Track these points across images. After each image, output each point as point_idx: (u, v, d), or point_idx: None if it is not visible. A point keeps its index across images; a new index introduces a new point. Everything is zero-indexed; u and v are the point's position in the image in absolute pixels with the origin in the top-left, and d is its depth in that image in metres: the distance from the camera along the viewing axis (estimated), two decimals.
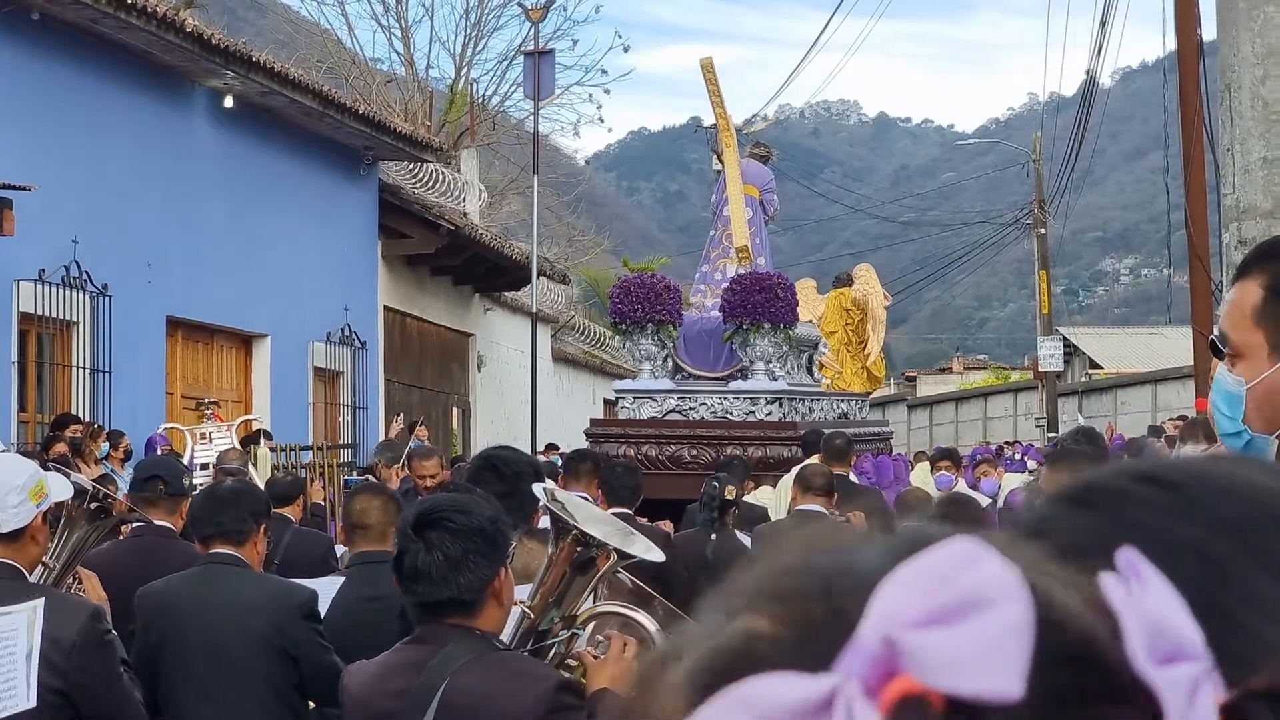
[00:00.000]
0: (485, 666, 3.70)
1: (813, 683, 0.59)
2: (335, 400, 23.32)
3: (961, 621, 0.59)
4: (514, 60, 38.42)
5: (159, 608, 5.70)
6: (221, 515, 5.78)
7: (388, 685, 3.85)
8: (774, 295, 15.68)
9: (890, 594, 0.61)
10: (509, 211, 40.60)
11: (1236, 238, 9.60)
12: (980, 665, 0.58)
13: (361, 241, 23.97)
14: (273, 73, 20.08)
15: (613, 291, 16.53)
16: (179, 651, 5.61)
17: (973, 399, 52.36)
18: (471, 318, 29.18)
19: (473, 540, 3.76)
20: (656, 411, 15.90)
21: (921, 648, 0.59)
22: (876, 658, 0.59)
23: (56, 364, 17.31)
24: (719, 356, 16.30)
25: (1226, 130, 9.66)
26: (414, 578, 3.78)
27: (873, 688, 0.59)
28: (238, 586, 5.66)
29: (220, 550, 5.74)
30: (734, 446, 14.93)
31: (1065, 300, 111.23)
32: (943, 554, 0.61)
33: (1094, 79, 27.74)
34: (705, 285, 17.47)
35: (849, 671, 0.59)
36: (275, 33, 40.48)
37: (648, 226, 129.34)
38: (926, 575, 0.61)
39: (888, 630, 0.59)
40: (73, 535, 5.13)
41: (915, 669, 0.59)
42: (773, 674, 0.60)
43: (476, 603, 3.79)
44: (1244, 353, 2.55)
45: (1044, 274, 41.28)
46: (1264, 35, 9.20)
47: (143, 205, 18.40)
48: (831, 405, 17.50)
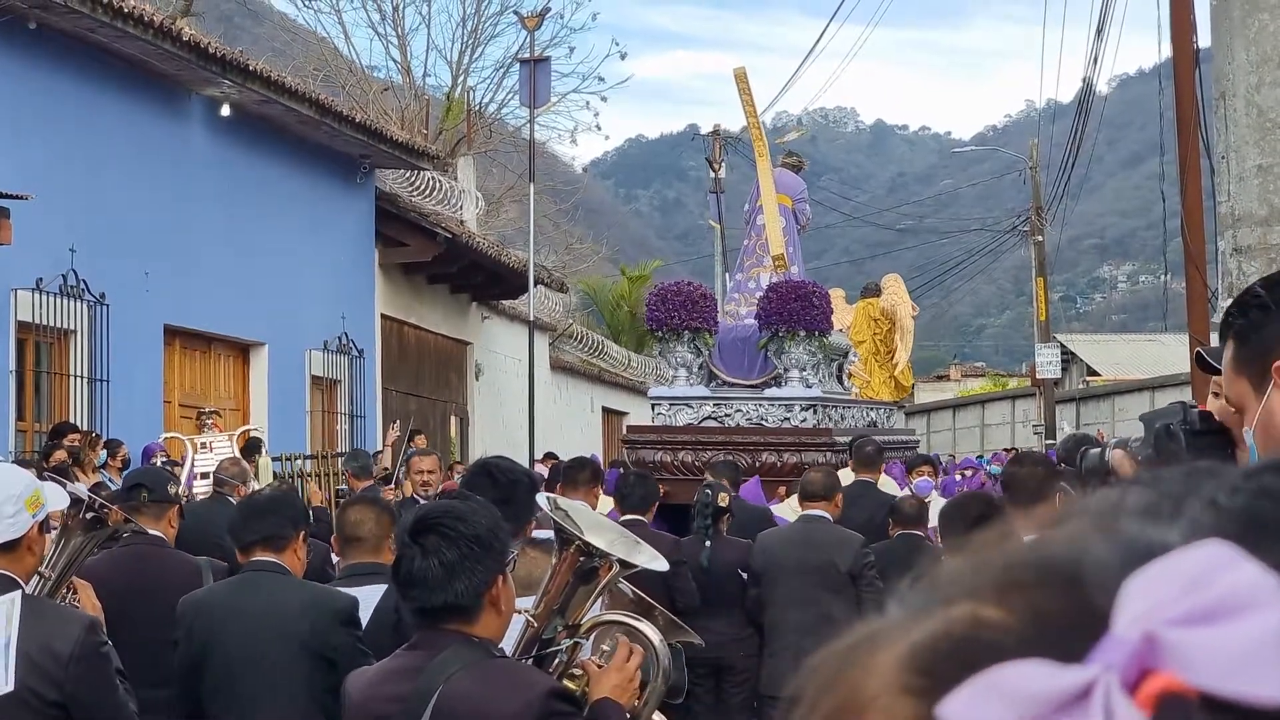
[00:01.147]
0: (479, 673, 3.71)
1: (1069, 673, 0.59)
2: (333, 409, 23.32)
3: (1226, 622, 0.59)
4: (510, 68, 38.44)
5: (201, 615, 5.74)
6: (260, 523, 5.81)
7: (384, 690, 3.87)
8: (809, 303, 15.85)
9: (1148, 590, 0.60)
10: (506, 219, 40.59)
11: (1232, 245, 9.60)
12: (1247, 667, 0.58)
13: (358, 250, 23.97)
14: (269, 81, 20.10)
15: (649, 299, 16.70)
16: (222, 657, 5.65)
17: (970, 406, 52.36)
18: (469, 326, 29.18)
19: (470, 547, 3.77)
20: (692, 418, 16.07)
21: (1185, 645, 0.58)
22: (1136, 652, 0.59)
23: (54, 373, 17.31)
24: (753, 364, 16.47)
25: (1221, 138, 9.66)
26: (410, 583, 3.80)
27: (1131, 682, 0.59)
28: (278, 593, 5.69)
29: (261, 558, 5.77)
30: (769, 453, 15.14)
31: (1063, 307, 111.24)
32: (1199, 555, 0.61)
33: (1091, 86, 27.76)
34: (739, 294, 17.62)
35: (1108, 664, 0.59)
36: (271, 41, 40.47)
37: (645, 234, 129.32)
38: (1184, 574, 0.60)
39: (1149, 625, 0.59)
40: (69, 545, 5.11)
41: (1177, 666, 0.58)
42: (1023, 662, 0.59)
43: (474, 609, 3.80)
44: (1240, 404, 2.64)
45: (1041, 281, 41.28)
46: (1259, 43, 9.21)
47: (140, 214, 18.40)
48: (862, 413, 17.67)
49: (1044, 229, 40.77)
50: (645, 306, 16.82)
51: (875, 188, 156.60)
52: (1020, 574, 0.65)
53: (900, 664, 0.63)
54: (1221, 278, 10.00)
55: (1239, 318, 2.63)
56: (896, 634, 0.65)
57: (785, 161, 18.69)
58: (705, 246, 55.89)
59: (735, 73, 17.84)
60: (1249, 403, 2.61)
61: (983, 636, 0.62)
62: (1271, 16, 9.20)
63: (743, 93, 17.70)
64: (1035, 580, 0.64)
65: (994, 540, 0.69)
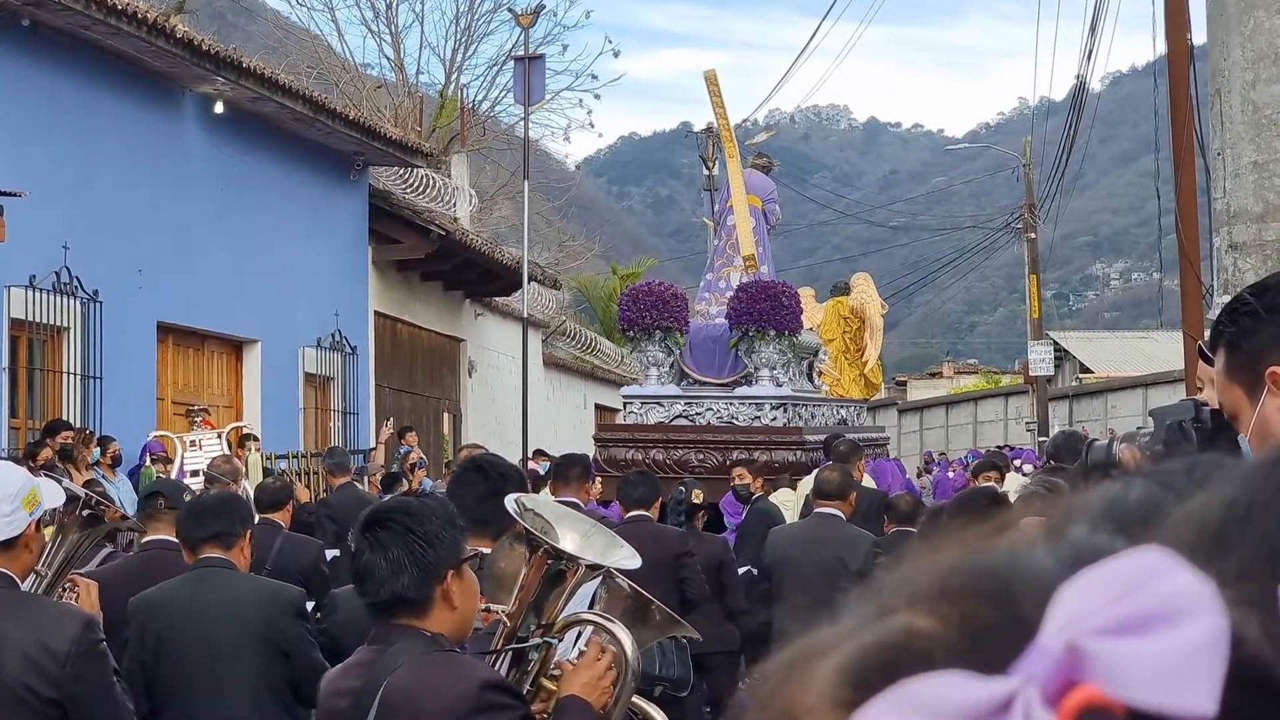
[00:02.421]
0: (419, 666, 3.74)
1: (988, 685, 0.57)
2: (326, 406, 23.31)
3: (1154, 633, 0.57)
4: (504, 65, 38.46)
5: (155, 611, 5.99)
6: (210, 521, 6.14)
7: (341, 684, 3.94)
8: (779, 303, 16.08)
9: (1075, 599, 0.59)
10: (499, 217, 40.59)
11: (1227, 242, 9.61)
12: (1173, 680, 0.56)
13: (352, 247, 23.96)
14: (263, 78, 20.08)
15: (621, 299, 16.96)
16: (177, 650, 5.87)
17: (963, 403, 52.40)
18: (462, 323, 29.17)
19: (417, 542, 3.83)
20: (664, 416, 16.27)
21: (1110, 657, 0.57)
22: (1059, 663, 0.57)
23: (47, 370, 17.29)
24: (724, 363, 16.66)
25: (1217, 134, 9.67)
26: (360, 578, 3.89)
27: (1053, 694, 0.57)
28: (231, 586, 5.98)
29: (210, 555, 6.06)
30: (740, 451, 15.26)
31: (1056, 305, 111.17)
32: (1131, 562, 0.59)
33: (1084, 83, 27.77)
34: (710, 293, 17.82)
35: (1029, 675, 0.57)
36: (265, 38, 40.45)
37: (638, 231, 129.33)
38: (1114, 583, 0.59)
39: (1073, 636, 0.57)
40: (65, 542, 5.10)
41: (1101, 678, 0.57)
42: (944, 673, 0.58)
43: (422, 603, 3.84)
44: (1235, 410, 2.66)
45: (1034, 278, 41.31)
46: (1254, 40, 9.22)
47: (134, 211, 18.39)
48: (832, 411, 17.81)
49: (1037, 226, 40.80)
50: (618, 306, 17.03)
51: (868, 185, 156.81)
52: (953, 582, 0.63)
53: (834, 676, 0.62)
54: (1216, 274, 10.01)
55: (1229, 325, 2.65)
56: (837, 645, 0.64)
57: (755, 162, 19.01)
58: (698, 244, 55.93)
59: (706, 75, 18.13)
60: (1243, 410, 2.62)
61: (912, 646, 0.61)
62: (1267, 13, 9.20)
63: (713, 95, 17.96)
64: (967, 589, 0.63)
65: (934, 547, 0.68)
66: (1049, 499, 6.45)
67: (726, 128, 18.38)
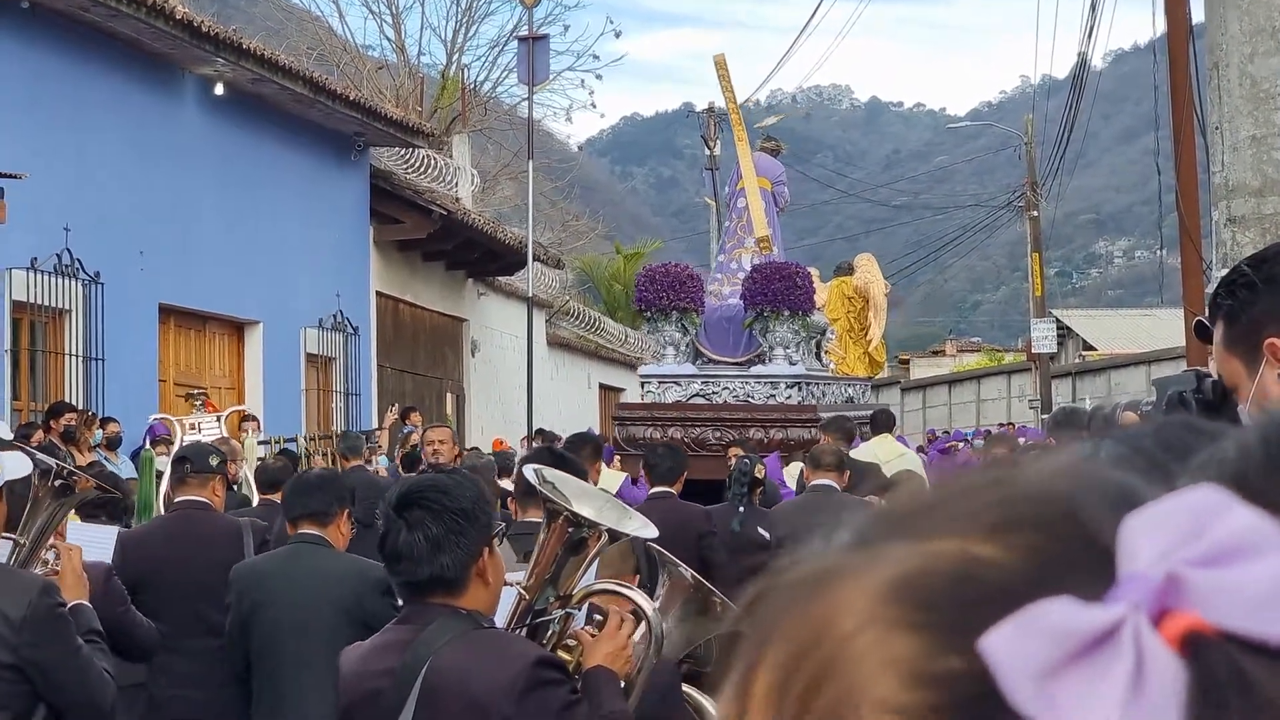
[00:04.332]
0: (466, 644, 3.73)
1: (1097, 611, 0.59)
2: (328, 387, 23.31)
3: (1240, 564, 0.59)
4: (505, 46, 38.41)
5: (252, 581, 6.34)
6: (308, 498, 6.41)
7: (374, 665, 3.88)
8: (793, 284, 16.48)
9: (1153, 531, 0.61)
10: (502, 197, 40.56)
11: (1226, 215, 9.61)
12: (1267, 608, 0.58)
13: (353, 227, 23.95)
14: (263, 60, 20.06)
15: (638, 280, 17.30)
16: (270, 619, 6.20)
17: (966, 382, 52.38)
18: (465, 303, 29.16)
19: (454, 520, 3.80)
20: (681, 395, 16.68)
21: (1207, 586, 0.59)
22: (1158, 591, 0.59)
23: (49, 352, 17.31)
24: (738, 342, 17.06)
25: (1215, 109, 9.66)
26: (396, 558, 3.83)
27: (1153, 621, 0.59)
28: (322, 563, 6.24)
29: (307, 530, 6.34)
30: (756, 429, 15.57)
31: (1058, 282, 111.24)
32: (1194, 498, 0.62)
33: (1085, 61, 27.74)
34: (722, 275, 18.17)
35: (1135, 602, 0.59)
36: (266, 20, 40.37)
37: (641, 211, 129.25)
38: (1184, 517, 0.61)
39: (1170, 565, 0.59)
40: (39, 513, 5.20)
41: (1200, 606, 0.59)
42: (1057, 599, 0.60)
43: (460, 582, 3.82)
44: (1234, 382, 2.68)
45: (1036, 256, 41.30)
46: (1251, 13, 9.21)
47: (134, 193, 18.39)
48: (840, 389, 18.15)
49: (1039, 204, 40.77)
50: (635, 287, 17.41)
51: (870, 164, 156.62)
52: (1010, 511, 0.64)
53: (881, 598, 0.62)
54: (1216, 249, 10.00)
55: (1227, 298, 2.66)
56: (854, 569, 0.64)
57: (764, 146, 19.40)
58: (700, 224, 55.92)
59: (715, 59, 18.42)
60: (1242, 381, 2.63)
61: (983, 574, 0.62)
62: None
63: (722, 79, 18.27)
64: (1028, 518, 0.64)
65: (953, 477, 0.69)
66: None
67: (735, 111, 18.73)
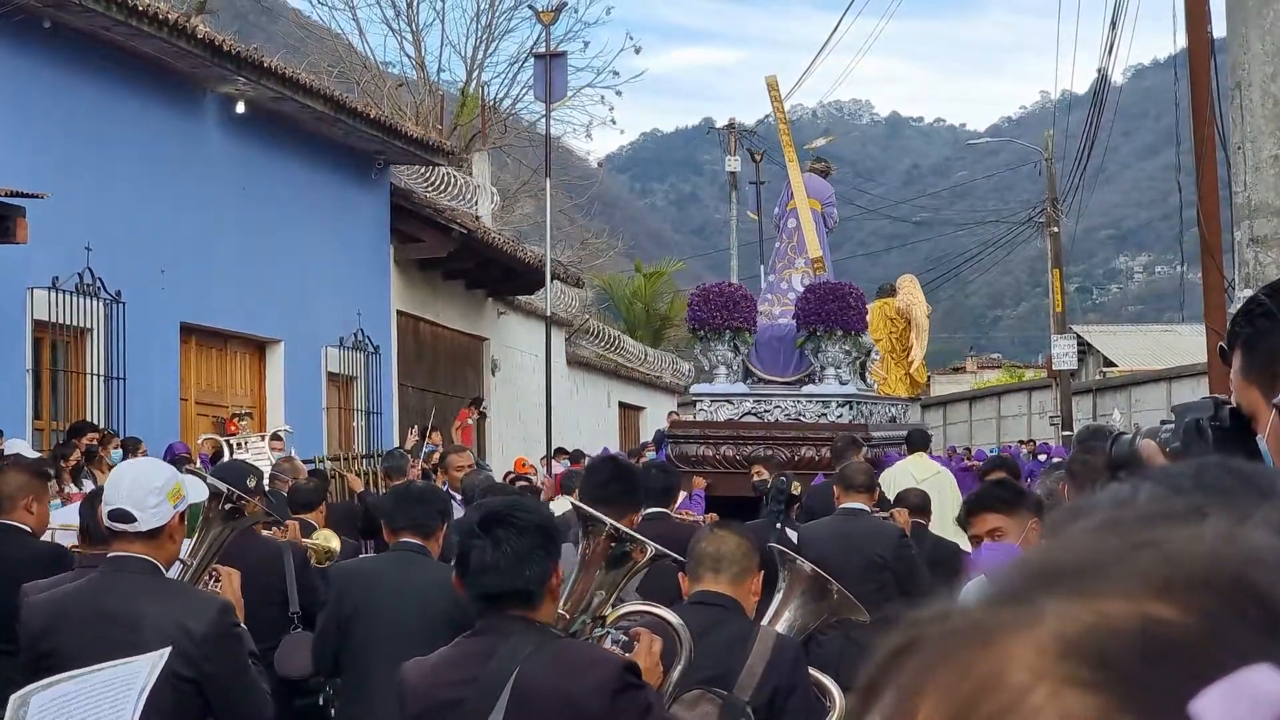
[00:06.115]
0: (553, 653, 3.95)
1: None
2: (349, 405, 23.34)
3: None
4: (525, 63, 38.44)
5: (355, 583, 6.59)
6: (411, 509, 6.71)
7: (447, 676, 4.07)
8: (846, 304, 16.72)
9: None
10: (521, 215, 40.60)
11: (1248, 235, 9.58)
12: None
13: (373, 246, 23.99)
14: (284, 78, 20.12)
15: (691, 299, 17.49)
16: (370, 619, 6.41)
17: (987, 398, 52.32)
18: (485, 322, 29.19)
19: (536, 536, 4.04)
20: (733, 414, 16.88)
21: None
22: None
23: (71, 371, 17.34)
24: (789, 362, 17.21)
25: (1237, 128, 9.64)
26: (482, 571, 4.03)
27: None
28: (423, 571, 6.46)
29: (408, 540, 6.63)
30: (808, 447, 15.77)
31: (1079, 298, 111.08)
32: None
33: (1105, 77, 27.68)
34: (773, 294, 18.36)
35: None
36: (286, 38, 40.49)
37: (661, 229, 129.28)
38: None
39: None
40: (209, 534, 5.51)
41: None
42: (1260, 666, 0.60)
43: (537, 595, 4.04)
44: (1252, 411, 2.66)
45: (1057, 272, 41.20)
46: (1273, 32, 9.19)
47: (155, 212, 18.44)
48: (885, 409, 18.47)
49: (1059, 220, 40.68)
50: (687, 306, 17.64)
51: (890, 180, 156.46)
52: (1178, 574, 0.65)
53: (1053, 654, 0.63)
54: (1238, 268, 9.97)
55: (1245, 327, 2.65)
56: (1016, 624, 0.65)
57: (814, 167, 19.52)
58: (721, 241, 55.82)
59: (767, 80, 18.63)
60: (1260, 410, 2.61)
61: (1163, 634, 0.62)
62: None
63: (774, 100, 18.50)
64: (1198, 581, 0.64)
65: (1088, 535, 0.70)
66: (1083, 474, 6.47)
67: (786, 132, 18.91)
